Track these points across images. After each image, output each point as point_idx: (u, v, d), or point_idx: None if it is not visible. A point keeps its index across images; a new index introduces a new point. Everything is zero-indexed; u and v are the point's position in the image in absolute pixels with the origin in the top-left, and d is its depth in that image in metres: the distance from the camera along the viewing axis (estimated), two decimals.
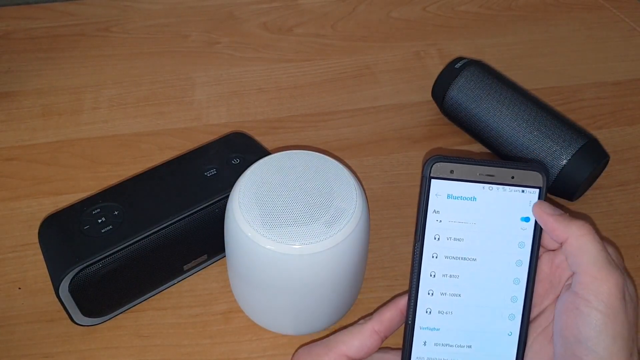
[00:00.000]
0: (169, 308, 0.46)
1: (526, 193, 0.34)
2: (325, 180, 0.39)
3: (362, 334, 0.34)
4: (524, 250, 0.34)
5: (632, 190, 0.54)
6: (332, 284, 0.39)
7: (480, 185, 0.34)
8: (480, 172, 0.34)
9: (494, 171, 0.34)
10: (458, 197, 0.34)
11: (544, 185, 0.34)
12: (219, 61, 0.70)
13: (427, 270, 0.34)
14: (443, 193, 0.34)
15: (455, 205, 0.34)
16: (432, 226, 0.34)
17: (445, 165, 0.34)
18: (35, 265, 0.48)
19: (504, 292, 0.34)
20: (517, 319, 0.34)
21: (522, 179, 0.34)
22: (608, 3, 0.78)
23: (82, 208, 0.43)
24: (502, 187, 0.34)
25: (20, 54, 0.71)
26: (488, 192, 0.34)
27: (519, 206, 0.34)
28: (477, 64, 0.57)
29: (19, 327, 0.44)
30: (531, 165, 0.34)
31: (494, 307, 0.34)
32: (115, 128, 0.61)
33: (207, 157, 0.48)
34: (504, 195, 0.34)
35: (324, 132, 0.61)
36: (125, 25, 0.76)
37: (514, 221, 0.34)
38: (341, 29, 0.75)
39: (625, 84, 0.66)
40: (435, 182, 0.34)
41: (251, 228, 0.37)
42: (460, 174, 0.34)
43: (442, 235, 0.34)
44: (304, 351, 0.35)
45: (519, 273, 0.34)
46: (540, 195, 0.34)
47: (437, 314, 0.34)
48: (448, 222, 0.34)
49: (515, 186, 0.34)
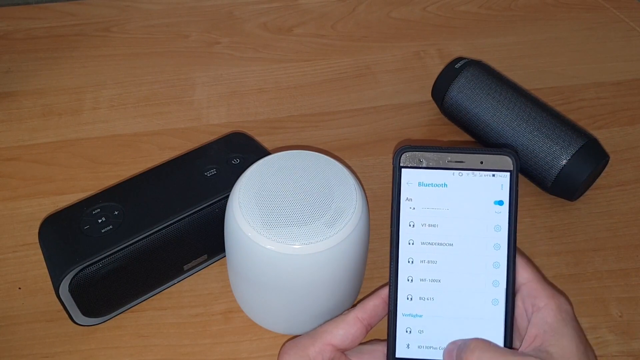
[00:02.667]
0: (169, 308, 0.46)
1: (497, 177, 0.34)
2: (325, 180, 0.39)
3: (346, 323, 0.35)
4: (500, 234, 0.34)
5: (632, 190, 0.54)
6: (332, 284, 0.39)
7: (450, 172, 0.35)
8: (450, 159, 0.35)
9: (463, 157, 0.34)
10: (429, 184, 0.35)
11: (514, 169, 0.34)
12: (219, 61, 0.70)
13: (405, 257, 0.35)
14: (414, 181, 0.35)
15: (427, 192, 0.35)
16: (406, 213, 0.35)
17: (414, 154, 0.35)
18: (35, 265, 0.48)
19: (484, 277, 0.34)
20: (500, 303, 0.34)
21: (491, 163, 0.34)
22: (608, 3, 0.78)
23: (82, 208, 0.43)
24: (472, 172, 0.34)
25: (20, 54, 0.71)
26: (459, 178, 0.35)
27: (492, 190, 0.34)
28: (477, 64, 0.57)
29: (19, 327, 0.44)
30: (500, 150, 0.34)
31: (475, 292, 0.34)
32: (115, 128, 0.61)
33: (207, 157, 0.48)
34: (475, 180, 0.34)
35: (324, 132, 0.61)
36: (125, 25, 0.76)
37: (487, 205, 0.34)
38: (341, 29, 0.75)
39: (625, 84, 0.66)
40: (406, 170, 0.35)
41: (251, 228, 0.37)
42: (429, 161, 0.35)
43: (416, 222, 0.35)
44: (290, 344, 0.35)
45: (498, 257, 0.34)
46: (511, 178, 0.34)
47: (418, 300, 0.34)
48: (421, 209, 0.35)
49: (485, 171, 0.34)
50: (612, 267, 0.48)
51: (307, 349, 0.34)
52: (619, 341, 0.43)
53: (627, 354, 0.42)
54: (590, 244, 0.50)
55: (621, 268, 0.48)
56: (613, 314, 0.45)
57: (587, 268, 0.48)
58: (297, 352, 0.34)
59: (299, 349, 0.34)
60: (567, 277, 0.47)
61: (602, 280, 0.47)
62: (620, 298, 0.46)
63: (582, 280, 0.47)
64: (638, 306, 0.45)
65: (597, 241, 0.50)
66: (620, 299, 0.46)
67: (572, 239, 0.50)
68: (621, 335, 0.43)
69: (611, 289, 0.46)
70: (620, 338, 0.43)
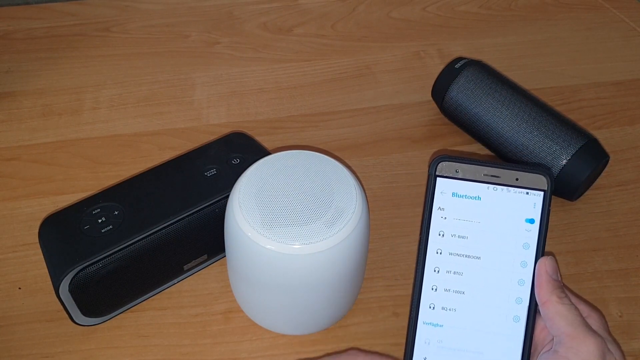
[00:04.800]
0: (169, 308, 0.46)
1: (530, 195, 0.34)
2: (325, 180, 0.39)
3: None
4: (528, 252, 0.34)
5: (632, 190, 0.54)
6: (332, 284, 0.39)
7: (484, 185, 0.34)
8: (485, 173, 0.34)
9: (499, 172, 0.34)
10: (463, 196, 0.34)
11: (548, 189, 0.34)
12: (219, 61, 0.70)
13: (431, 266, 0.34)
14: (448, 191, 0.35)
15: (460, 204, 0.34)
16: (437, 222, 0.35)
17: (451, 164, 0.35)
18: (35, 265, 0.48)
19: (508, 293, 0.34)
20: (522, 321, 0.34)
21: (526, 181, 0.34)
22: (608, 3, 0.78)
23: (82, 208, 0.43)
24: (506, 188, 0.34)
25: (20, 54, 0.71)
26: (492, 193, 0.34)
27: (524, 208, 0.34)
28: (477, 64, 0.57)
29: (19, 327, 0.44)
30: (536, 168, 0.34)
31: (498, 307, 0.34)
32: (115, 128, 0.61)
33: (207, 157, 0.48)
34: (509, 196, 0.34)
35: (324, 132, 0.61)
36: (125, 25, 0.76)
37: (518, 222, 0.34)
38: (341, 29, 0.75)
39: (625, 84, 0.66)
40: (441, 180, 0.34)
41: (251, 228, 0.37)
42: (465, 173, 0.35)
43: (446, 232, 0.34)
44: None
45: (523, 274, 0.34)
46: (544, 198, 0.34)
47: (440, 309, 0.34)
48: (453, 220, 0.34)
49: (520, 188, 0.34)
50: (612, 267, 0.48)
51: None
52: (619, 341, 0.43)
53: (627, 354, 0.42)
54: (590, 244, 0.50)
55: (621, 268, 0.48)
56: (613, 314, 0.45)
57: (587, 268, 0.48)
58: None
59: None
60: (567, 277, 0.47)
61: (602, 280, 0.47)
62: (620, 298, 0.46)
63: (582, 280, 0.47)
64: (638, 306, 0.45)
65: (597, 241, 0.50)
66: (620, 299, 0.46)
67: (572, 239, 0.50)
68: (621, 335, 0.44)
69: (611, 289, 0.46)
70: (620, 338, 0.43)
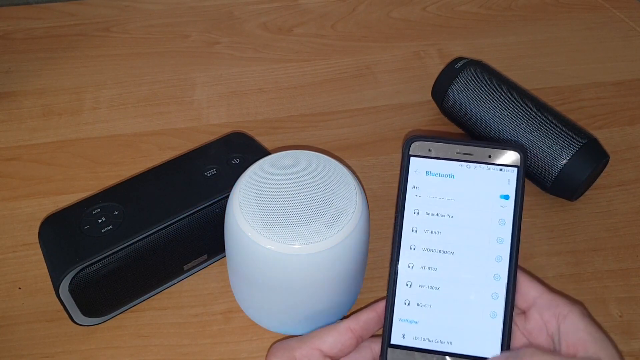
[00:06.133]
0: (169, 308, 0.46)
1: (504, 172, 0.35)
2: (325, 180, 0.39)
3: (337, 331, 0.35)
4: (504, 228, 0.34)
5: (632, 190, 0.54)
6: (332, 284, 0.39)
7: (457, 163, 0.35)
8: (458, 151, 0.35)
9: (472, 150, 0.35)
10: (436, 174, 0.35)
11: (522, 165, 0.34)
12: (219, 61, 0.70)
13: (407, 244, 0.35)
14: (422, 170, 0.35)
15: (434, 182, 0.35)
16: (412, 201, 0.35)
17: (424, 143, 0.35)
18: (35, 265, 0.48)
19: (486, 270, 0.34)
20: (502, 288, 0.34)
21: (499, 158, 0.35)
22: (608, 3, 0.78)
23: (82, 208, 0.43)
24: (479, 165, 0.34)
25: (20, 54, 0.71)
26: (466, 170, 0.35)
27: (498, 184, 0.34)
28: (477, 64, 0.57)
29: (19, 327, 0.44)
30: (509, 145, 0.34)
31: (476, 285, 0.34)
32: (115, 128, 0.61)
33: (207, 157, 0.48)
34: (482, 173, 0.35)
35: (324, 132, 0.61)
36: (125, 25, 0.76)
37: (493, 199, 0.34)
38: (341, 29, 0.75)
39: (625, 84, 0.66)
40: (414, 159, 0.35)
41: (251, 228, 0.37)
42: (438, 152, 0.35)
43: (421, 210, 0.35)
44: (278, 345, 0.35)
45: (501, 250, 0.34)
46: (518, 174, 0.34)
47: (418, 288, 0.34)
48: (427, 198, 0.35)
49: (493, 165, 0.34)
50: (612, 267, 0.48)
51: (294, 351, 0.34)
52: (619, 341, 0.43)
53: (627, 354, 0.42)
54: (590, 244, 0.50)
55: (621, 268, 0.48)
56: (613, 314, 0.45)
57: (587, 268, 0.48)
58: (284, 354, 0.34)
59: (286, 350, 0.35)
60: (567, 277, 0.47)
61: (602, 280, 0.47)
62: (620, 298, 0.46)
63: (582, 280, 0.47)
64: (638, 306, 0.45)
65: (597, 241, 0.50)
66: (620, 299, 0.46)
67: (572, 239, 0.50)
68: (621, 335, 0.43)
69: (611, 289, 0.46)
70: (620, 338, 0.43)
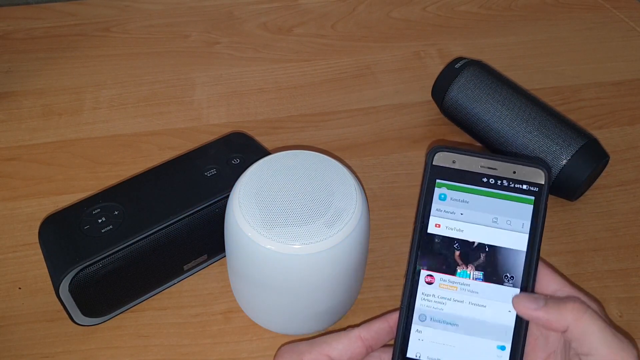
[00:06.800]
0: (169, 308, 0.46)
1: (528, 188, 0.34)
2: (325, 180, 0.39)
3: (348, 338, 0.34)
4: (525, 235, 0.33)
5: (632, 190, 0.54)
6: (332, 284, 0.39)
7: (481, 177, 0.34)
8: (482, 165, 0.34)
9: (496, 164, 0.34)
10: (459, 187, 0.34)
11: (546, 183, 0.34)
12: (219, 61, 0.70)
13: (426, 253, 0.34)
14: (444, 181, 0.34)
15: (456, 195, 0.34)
16: (434, 210, 0.34)
17: (448, 154, 0.34)
18: (35, 265, 0.48)
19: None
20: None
21: (524, 174, 0.34)
22: (608, 3, 0.78)
23: (82, 208, 0.43)
24: (503, 181, 0.34)
25: (20, 54, 0.71)
26: (490, 183, 0.34)
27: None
28: (477, 64, 0.57)
29: (19, 327, 0.44)
30: (534, 162, 0.34)
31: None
32: (115, 128, 0.61)
33: (207, 157, 0.48)
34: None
35: (324, 132, 0.61)
36: (125, 25, 0.76)
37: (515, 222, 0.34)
38: (341, 29, 0.75)
39: (625, 84, 0.66)
40: (436, 169, 0.34)
41: (251, 228, 0.37)
42: (462, 164, 0.34)
43: (442, 224, 0.34)
44: (287, 348, 0.35)
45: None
46: (541, 192, 0.34)
47: (435, 299, 0.33)
48: (448, 214, 0.34)
49: (517, 182, 0.34)
50: (612, 267, 0.48)
51: (303, 355, 0.34)
52: None
53: None
54: (590, 244, 0.50)
55: (621, 268, 0.48)
56: (613, 314, 0.45)
57: (587, 268, 0.48)
58: (292, 357, 0.34)
59: (294, 354, 0.34)
60: (567, 277, 0.47)
61: (602, 280, 0.47)
62: (620, 298, 0.46)
63: (582, 280, 0.47)
64: (638, 306, 0.45)
65: (597, 241, 0.50)
66: (620, 299, 0.46)
67: (572, 239, 0.50)
68: None
69: (611, 289, 0.46)
70: None
